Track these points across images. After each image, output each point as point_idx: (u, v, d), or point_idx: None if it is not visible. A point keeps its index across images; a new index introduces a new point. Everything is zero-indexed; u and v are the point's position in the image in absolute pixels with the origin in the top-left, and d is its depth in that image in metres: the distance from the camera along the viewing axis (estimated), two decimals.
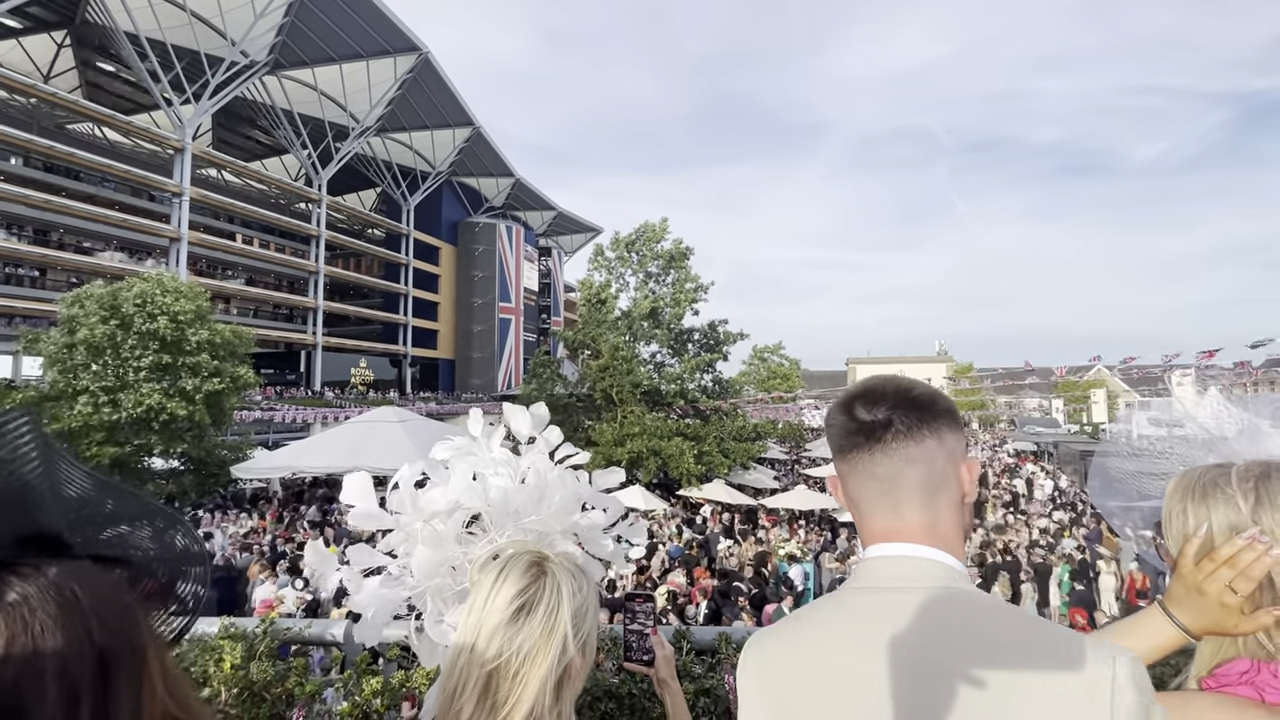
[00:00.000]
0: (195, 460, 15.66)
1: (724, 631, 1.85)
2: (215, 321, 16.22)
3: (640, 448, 16.61)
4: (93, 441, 13.68)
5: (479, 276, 50.84)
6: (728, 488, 16.28)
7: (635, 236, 19.64)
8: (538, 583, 0.82)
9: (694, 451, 16.50)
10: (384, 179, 46.44)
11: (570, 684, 0.82)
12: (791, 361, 45.10)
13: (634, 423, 17.37)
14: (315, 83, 36.56)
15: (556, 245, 65.36)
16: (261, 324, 36.45)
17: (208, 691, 1.53)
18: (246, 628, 1.72)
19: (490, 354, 50.04)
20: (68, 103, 29.29)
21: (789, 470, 23.89)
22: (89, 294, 14.44)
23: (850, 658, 0.69)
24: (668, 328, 18.74)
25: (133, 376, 14.05)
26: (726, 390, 19.96)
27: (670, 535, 12.37)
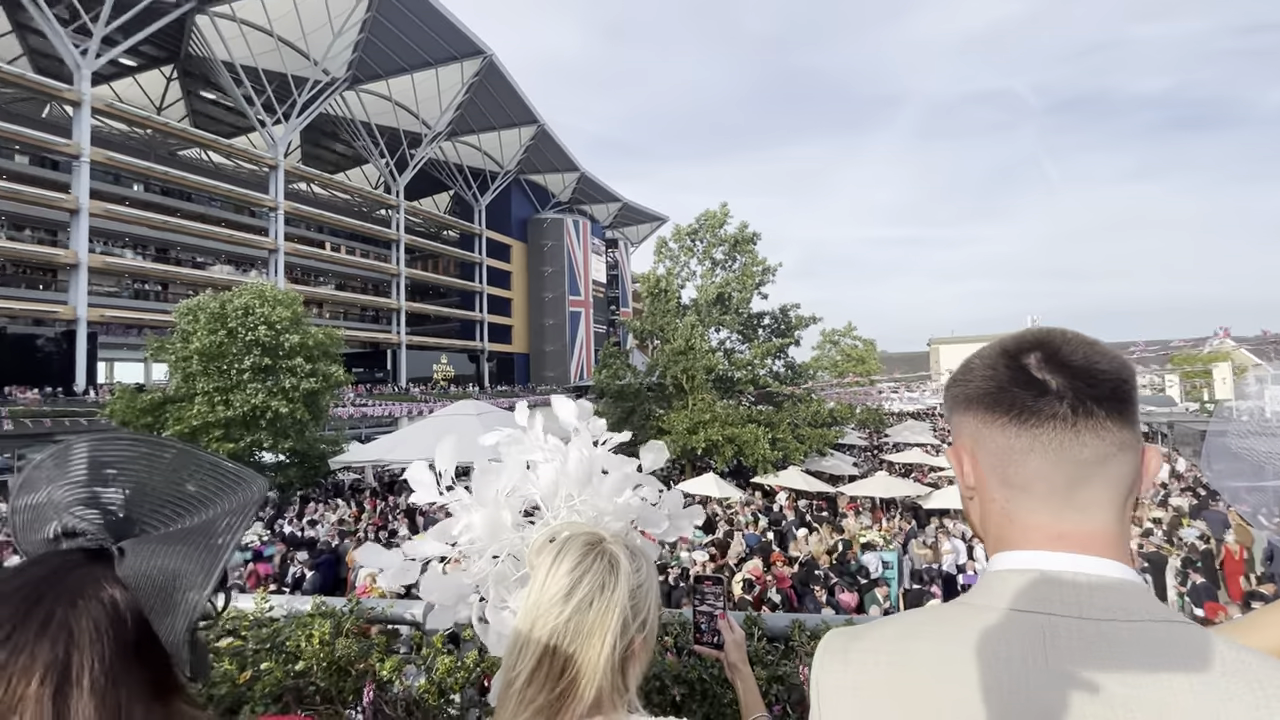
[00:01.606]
0: (298, 454, 16.91)
1: (797, 619, 1.78)
2: (309, 325, 17.40)
3: (714, 435, 16.49)
4: (212, 438, 15.04)
5: (549, 271, 51.99)
6: (804, 475, 15.90)
7: (698, 225, 19.45)
8: (594, 561, 0.80)
9: (768, 438, 16.21)
10: (456, 181, 48.21)
11: (633, 664, 0.79)
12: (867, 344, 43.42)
13: (705, 410, 17.26)
14: (390, 94, 38.35)
15: (623, 236, 65.82)
16: (350, 325, 38.85)
17: (301, 665, 1.63)
18: (336, 606, 1.82)
19: (562, 346, 51.16)
20: (178, 131, 32.26)
21: (869, 456, 23.06)
22: (201, 306, 15.84)
23: (1014, 705, 0.53)
24: (736, 313, 18.46)
25: (239, 378, 15.33)
26: (799, 375, 19.47)
27: (746, 523, 12.24)
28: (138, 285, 31.31)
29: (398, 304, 41.11)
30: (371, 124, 39.74)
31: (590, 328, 52.91)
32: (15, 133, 25.26)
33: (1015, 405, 0.58)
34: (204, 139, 33.06)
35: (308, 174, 38.31)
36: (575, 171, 53.35)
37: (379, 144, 40.59)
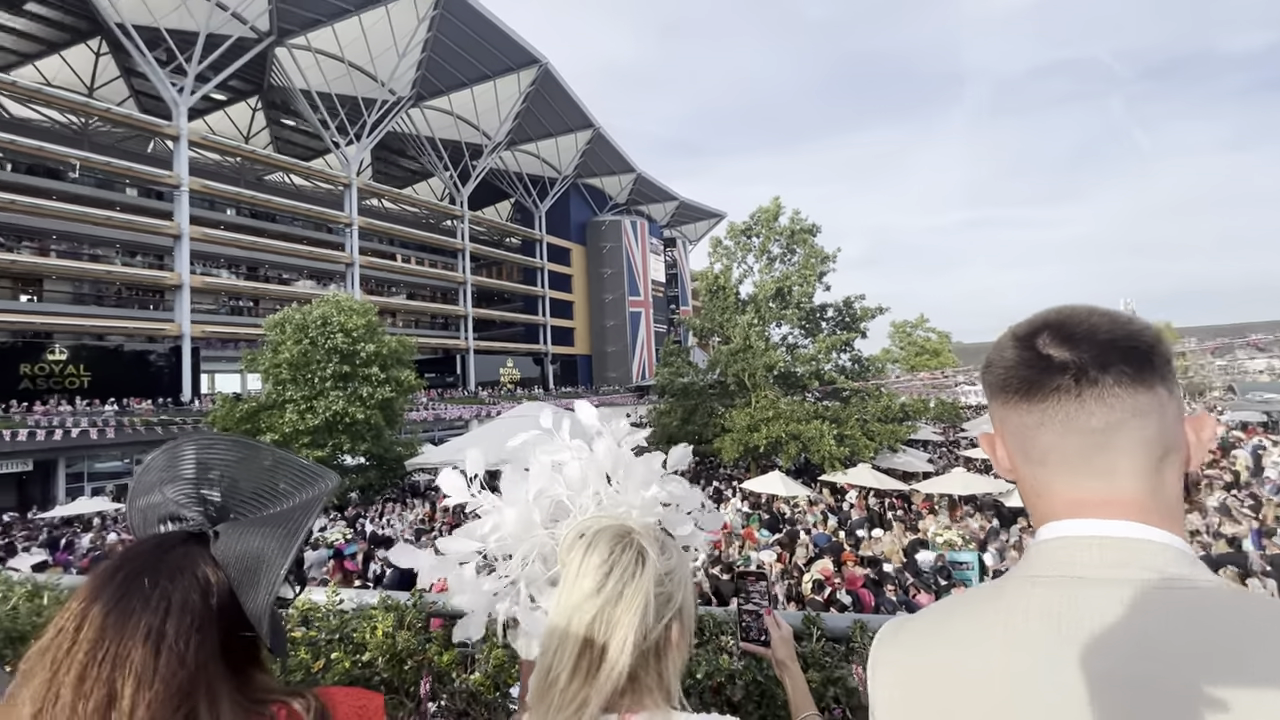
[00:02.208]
0: (376, 457, 17.81)
1: (859, 619, 1.71)
2: (384, 333, 18.30)
3: (778, 432, 16.19)
4: (301, 444, 16.08)
5: (608, 273, 52.53)
6: (875, 472, 15.34)
7: (752, 220, 19.12)
8: (622, 553, 0.80)
9: (834, 434, 15.74)
10: (516, 189, 49.46)
11: (669, 655, 0.79)
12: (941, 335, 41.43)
13: (768, 407, 16.95)
14: (451, 108, 39.80)
15: (680, 235, 65.67)
16: (422, 333, 40.53)
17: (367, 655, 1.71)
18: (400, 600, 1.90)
19: (623, 347, 51.58)
20: (263, 157, 34.73)
21: (945, 452, 22.02)
22: (286, 319, 16.96)
23: (1033, 668, 0.53)
24: (797, 307, 18.01)
25: (322, 386, 16.30)
26: (867, 369, 18.80)
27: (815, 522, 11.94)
28: (233, 302, 33.83)
29: (465, 311, 42.58)
30: (435, 138, 41.37)
31: (650, 327, 53.08)
32: (126, 168, 27.91)
33: (1024, 384, 0.60)
34: (286, 163, 35.54)
35: (378, 190, 40.28)
36: (631, 173, 53.67)
37: (443, 157, 42.19)
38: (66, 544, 12.53)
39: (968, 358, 48.31)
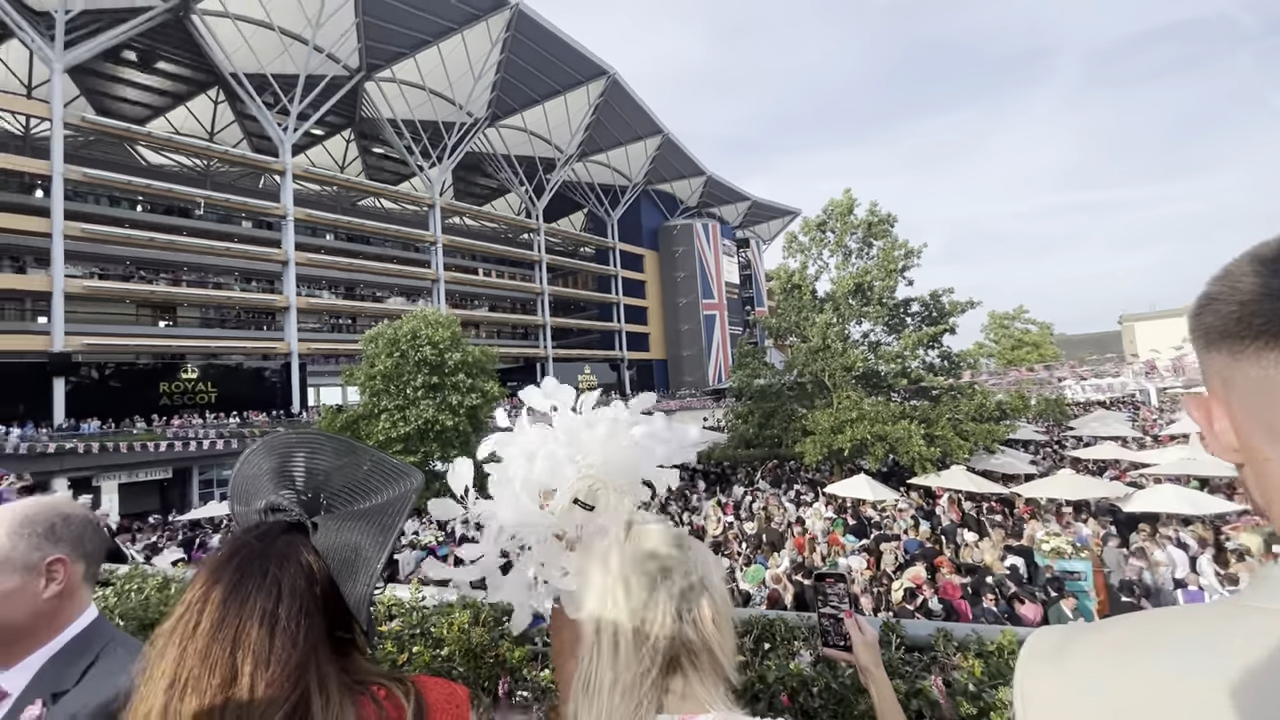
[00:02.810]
0: None
1: (942, 627, 1.61)
2: (468, 344, 19.15)
3: (862, 434, 15.54)
4: (395, 452, 17.09)
5: (681, 277, 52.53)
6: (970, 474, 14.41)
7: (826, 215, 18.48)
8: (641, 552, 0.80)
9: (924, 435, 14.92)
10: (589, 199, 50.50)
11: (709, 636, 0.77)
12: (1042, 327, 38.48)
13: (851, 408, 16.30)
14: (525, 125, 41.25)
15: (754, 235, 64.72)
16: (503, 343, 42.08)
17: (445, 650, 1.78)
18: (477, 597, 1.97)
19: (698, 350, 51.36)
20: (356, 185, 37.39)
21: (1050, 453, 20.37)
22: (379, 334, 18.10)
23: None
24: (879, 303, 17.23)
25: (414, 396, 17.24)
26: (958, 366, 17.70)
27: (905, 528, 11.37)
28: (334, 320, 36.50)
29: (543, 320, 43.86)
30: (511, 155, 43.00)
31: (726, 330, 52.56)
32: (242, 203, 30.88)
33: (1274, 321, 0.42)
34: (377, 189, 38.12)
35: (459, 208, 42.31)
36: (701, 176, 53.51)
37: (518, 173, 43.76)
38: (200, 544, 13.93)
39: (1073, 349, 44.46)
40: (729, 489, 17.53)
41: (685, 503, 15.85)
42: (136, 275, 28.87)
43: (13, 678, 0.95)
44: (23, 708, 0.92)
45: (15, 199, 26.60)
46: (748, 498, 15.68)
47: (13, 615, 0.95)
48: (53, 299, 23.24)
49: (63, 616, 1.01)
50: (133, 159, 34.16)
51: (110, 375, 25.74)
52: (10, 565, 0.96)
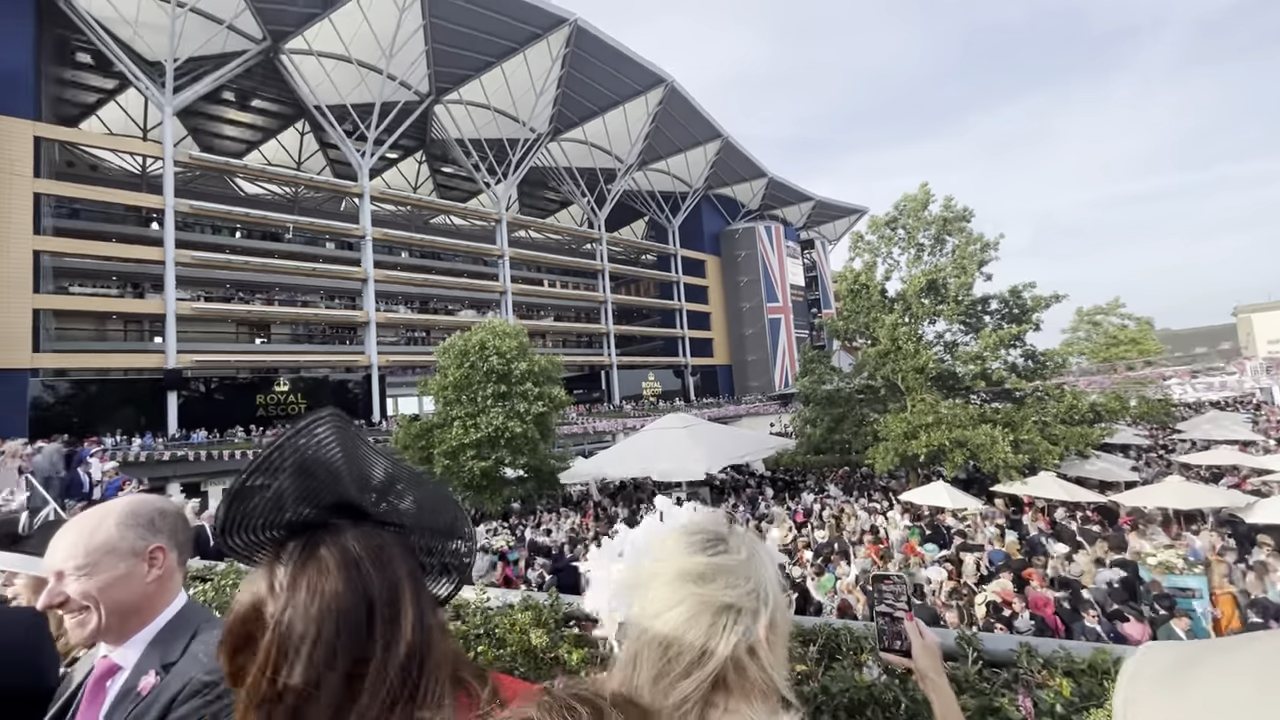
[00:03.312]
0: (533, 469, 19.03)
1: (1026, 642, 1.49)
2: (534, 353, 19.60)
3: (939, 439, 14.75)
4: (467, 457, 17.68)
5: (744, 281, 51.91)
6: (1062, 481, 13.43)
7: (897, 212, 17.72)
8: (713, 548, 0.78)
9: (1008, 440, 14.02)
10: (649, 207, 50.82)
11: (761, 655, 0.74)
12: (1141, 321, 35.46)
13: (926, 412, 15.53)
14: (585, 137, 42.04)
15: (819, 235, 63.18)
16: (568, 352, 42.88)
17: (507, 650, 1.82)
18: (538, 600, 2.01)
19: (764, 355, 50.52)
20: (428, 204, 39.24)
21: (1155, 458, 18.73)
22: (451, 345, 18.82)
23: None
24: (954, 301, 16.34)
25: (484, 404, 17.80)
26: (1044, 365, 16.55)
27: (991, 538, 10.73)
28: (409, 334, 38.32)
29: (606, 328, 44.38)
30: (572, 168, 43.92)
31: (791, 333, 51.47)
32: (326, 226, 33.00)
33: None
34: (447, 206, 39.88)
35: (525, 222, 43.55)
36: (763, 178, 52.80)
37: (580, 185, 44.62)
38: None
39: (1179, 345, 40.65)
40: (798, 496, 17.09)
41: (753, 509, 15.58)
42: (236, 297, 31.39)
43: (124, 654, 1.10)
44: (138, 679, 1.06)
45: (135, 231, 29.53)
46: (818, 505, 15.24)
47: (124, 596, 1.09)
48: (166, 320, 25.58)
49: (162, 599, 1.15)
50: (232, 190, 37.23)
51: (215, 389, 28.01)
52: (120, 552, 1.10)
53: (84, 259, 26.34)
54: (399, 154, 41.21)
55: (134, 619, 1.11)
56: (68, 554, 1.07)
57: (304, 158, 39.91)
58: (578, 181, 44.48)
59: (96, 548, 1.08)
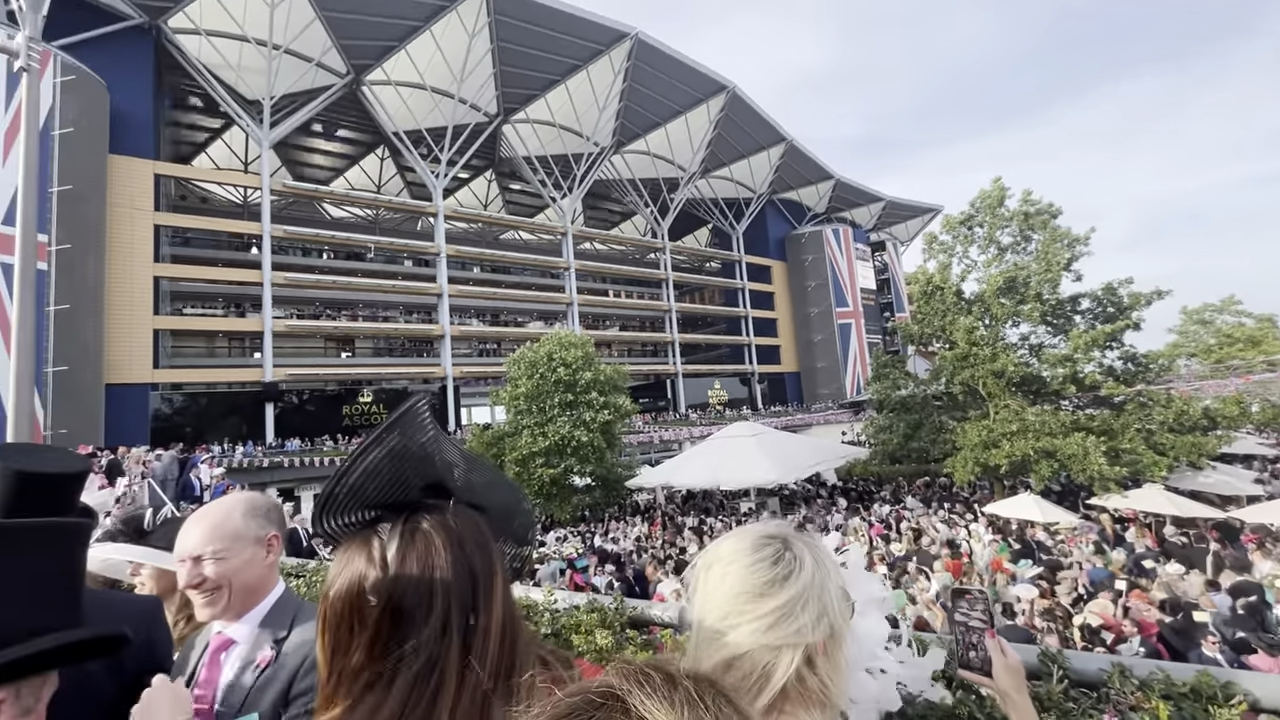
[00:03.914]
0: (600, 478, 19.28)
1: (1119, 662, 1.39)
2: (600, 363, 19.90)
3: (1023, 448, 13.84)
4: (536, 464, 18.13)
5: (812, 286, 50.69)
6: (1170, 495, 12.29)
7: (972, 210, 16.81)
8: (764, 558, 0.77)
9: (1103, 449, 12.98)
10: (713, 215, 50.63)
11: (818, 664, 0.74)
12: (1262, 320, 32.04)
13: (1010, 419, 14.61)
14: (648, 148, 42.47)
15: (890, 236, 60.93)
16: (633, 361, 43.21)
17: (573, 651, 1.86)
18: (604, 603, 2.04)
19: (834, 361, 49.05)
20: (498, 220, 40.70)
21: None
22: (520, 357, 19.40)
23: None
24: (1038, 300, 15.31)
25: (552, 413, 18.21)
26: (1145, 368, 15.22)
27: (1088, 554, 9.96)
28: (481, 346, 39.75)
29: (671, 337, 44.44)
30: (635, 179, 44.44)
31: (863, 338, 49.78)
32: (404, 245, 34.86)
33: None
34: (515, 222, 41.26)
35: (589, 234, 44.38)
36: (829, 180, 51.53)
37: (643, 195, 45.07)
38: None
39: None
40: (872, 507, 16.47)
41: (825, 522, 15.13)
42: (324, 314, 33.59)
43: (237, 630, 1.26)
44: (255, 653, 1.21)
45: (238, 256, 32.18)
46: (894, 517, 14.62)
47: (248, 578, 1.26)
48: (264, 337, 27.70)
49: (271, 582, 1.32)
50: (320, 214, 39.98)
51: (307, 400, 30.02)
52: (246, 539, 1.27)
53: (195, 283, 28.96)
54: (470, 174, 43.00)
55: (250, 599, 1.27)
56: (204, 541, 1.23)
57: (383, 181, 42.37)
58: (641, 192, 44.95)
59: (227, 535, 1.24)
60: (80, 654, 0.58)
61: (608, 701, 0.33)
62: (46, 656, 0.55)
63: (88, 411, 21.24)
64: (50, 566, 0.59)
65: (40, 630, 0.56)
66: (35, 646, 0.55)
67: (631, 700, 0.33)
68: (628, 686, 0.34)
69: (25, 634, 0.54)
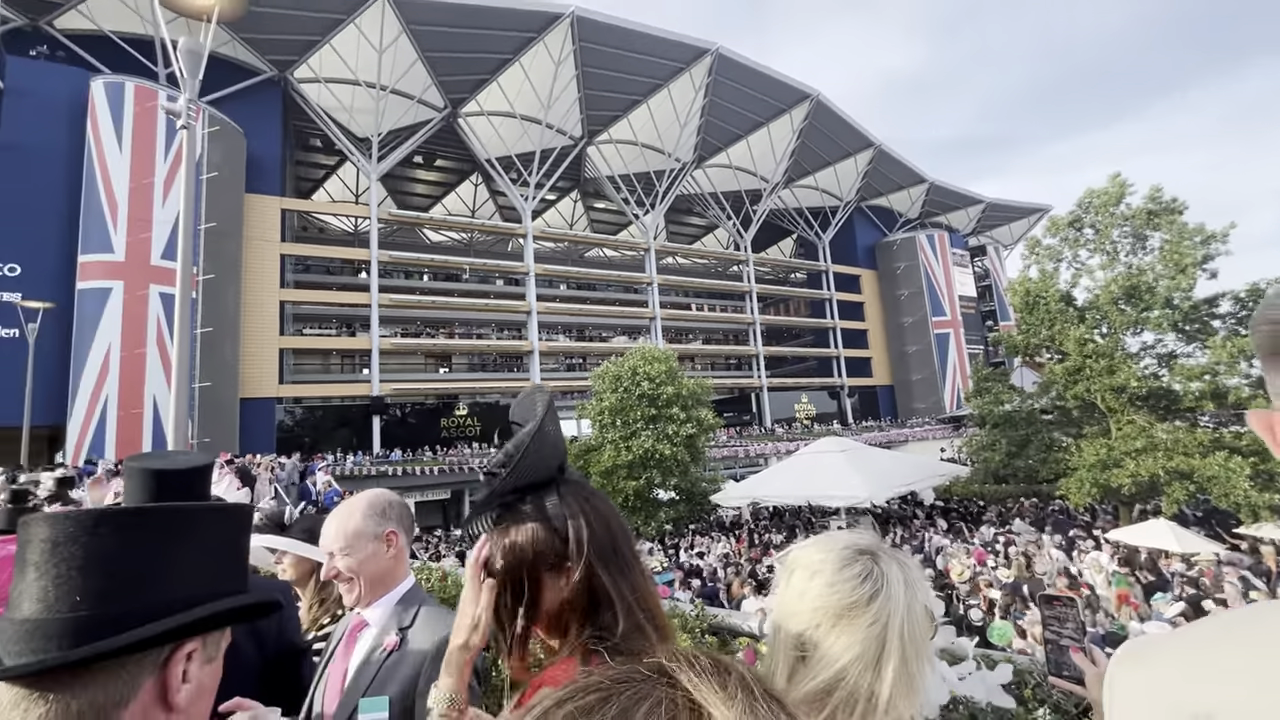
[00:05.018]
0: (684, 492, 19.22)
1: None
2: (683, 377, 19.93)
3: (1152, 468, 12.47)
4: (620, 477, 18.36)
5: (905, 295, 48.35)
6: None
7: (1081, 209, 15.38)
8: (849, 571, 0.77)
9: (1248, 470, 11.46)
10: (797, 224, 49.61)
11: (887, 675, 0.73)
12: None
13: (1135, 435, 13.21)
14: (729, 161, 42.39)
15: (992, 240, 57.14)
16: (717, 374, 42.93)
17: None
18: (685, 610, 2.08)
19: (931, 373, 46.40)
20: (583, 239, 42.03)
21: None
22: (605, 371, 19.79)
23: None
24: (1166, 306, 13.76)
25: (635, 427, 18.40)
26: None
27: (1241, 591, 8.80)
28: (568, 361, 40.91)
29: (756, 350, 43.78)
30: (717, 193, 44.42)
31: (963, 349, 46.82)
32: (496, 265, 36.67)
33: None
34: (599, 240, 42.40)
35: (672, 249, 44.77)
36: (922, 184, 49.14)
37: (725, 209, 44.93)
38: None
39: None
40: (976, 529, 15.37)
41: (921, 543, 14.29)
42: (424, 332, 35.83)
43: (371, 613, 1.41)
44: (383, 637, 1.36)
45: (350, 280, 35.07)
46: (1000, 540, 13.57)
47: (373, 570, 1.40)
48: (371, 355, 29.94)
49: (397, 573, 1.46)
50: (420, 239, 42.87)
51: (409, 414, 32.07)
52: (367, 536, 1.41)
53: (313, 305, 31.82)
54: (556, 195, 44.65)
55: (379, 588, 1.42)
56: (335, 539, 1.41)
57: (477, 206, 44.86)
58: (723, 205, 44.86)
59: (351, 533, 1.40)
60: (248, 615, 0.71)
61: (657, 675, 0.34)
62: (228, 615, 0.68)
63: (226, 422, 23.77)
64: (228, 541, 0.74)
65: (222, 594, 0.69)
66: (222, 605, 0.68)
67: (681, 676, 0.34)
68: (678, 665, 0.35)
69: (211, 596, 0.68)
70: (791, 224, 49.79)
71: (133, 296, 21.37)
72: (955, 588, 9.88)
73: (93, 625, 0.59)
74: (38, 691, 0.57)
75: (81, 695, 0.57)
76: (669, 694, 0.33)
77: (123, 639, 0.59)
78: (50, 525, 0.62)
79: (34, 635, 0.59)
